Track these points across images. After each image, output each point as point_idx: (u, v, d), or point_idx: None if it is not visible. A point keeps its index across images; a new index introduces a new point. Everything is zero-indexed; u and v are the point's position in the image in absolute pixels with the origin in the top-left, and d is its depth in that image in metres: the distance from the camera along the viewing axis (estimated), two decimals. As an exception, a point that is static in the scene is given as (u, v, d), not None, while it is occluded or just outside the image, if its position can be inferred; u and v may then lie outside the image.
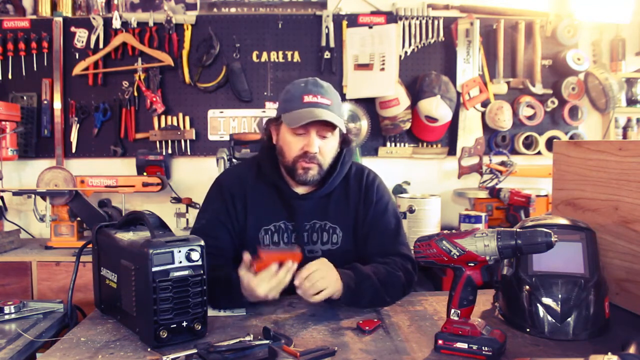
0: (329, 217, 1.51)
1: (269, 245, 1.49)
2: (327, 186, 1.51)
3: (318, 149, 1.44)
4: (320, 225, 1.51)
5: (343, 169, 1.53)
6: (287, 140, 1.46)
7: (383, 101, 2.76)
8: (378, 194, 1.55)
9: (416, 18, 2.81)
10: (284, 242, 1.50)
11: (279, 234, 1.50)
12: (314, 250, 1.50)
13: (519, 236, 1.02)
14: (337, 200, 1.53)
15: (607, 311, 1.20)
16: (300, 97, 1.43)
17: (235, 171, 1.64)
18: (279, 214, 1.51)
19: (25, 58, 2.73)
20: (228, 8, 2.82)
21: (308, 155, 1.43)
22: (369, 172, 1.60)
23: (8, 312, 1.35)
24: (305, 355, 0.98)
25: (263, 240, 1.50)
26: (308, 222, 1.50)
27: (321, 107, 1.42)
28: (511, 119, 2.81)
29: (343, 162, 1.53)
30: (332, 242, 1.51)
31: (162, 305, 1.09)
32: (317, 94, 1.43)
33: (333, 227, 1.51)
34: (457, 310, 1.07)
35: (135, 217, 1.29)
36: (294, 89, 1.46)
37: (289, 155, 1.46)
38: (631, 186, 1.31)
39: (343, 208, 1.53)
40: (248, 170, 1.57)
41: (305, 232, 1.50)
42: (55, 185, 2.39)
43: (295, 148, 1.45)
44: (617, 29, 2.90)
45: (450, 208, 2.80)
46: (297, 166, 1.45)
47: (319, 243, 1.51)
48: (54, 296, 2.23)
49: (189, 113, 2.80)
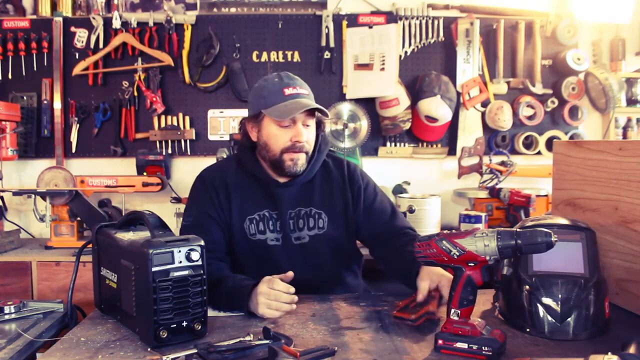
0: (313, 203, 1.56)
1: (255, 234, 1.52)
2: (308, 172, 1.54)
3: (306, 137, 1.48)
4: (305, 211, 1.55)
5: (321, 155, 1.58)
6: (273, 133, 1.48)
7: (383, 101, 2.76)
8: (364, 180, 1.62)
9: (416, 18, 2.81)
10: (270, 230, 1.52)
11: (264, 222, 1.53)
12: (301, 237, 1.54)
13: (519, 236, 1.02)
14: (321, 186, 1.58)
15: (607, 311, 1.20)
16: (280, 90, 1.46)
17: (215, 166, 1.68)
18: (262, 203, 1.54)
19: (25, 58, 2.73)
20: (228, 8, 2.82)
21: (297, 145, 1.47)
22: (348, 161, 1.67)
23: (8, 312, 1.35)
24: (305, 355, 0.98)
25: (249, 229, 1.53)
26: (293, 210, 1.54)
27: (302, 97, 1.47)
28: (511, 119, 2.81)
29: (320, 148, 1.57)
30: (319, 227, 1.55)
31: (162, 305, 1.09)
32: (295, 86, 1.48)
33: (318, 212, 1.55)
34: (457, 310, 1.07)
35: (135, 217, 1.29)
36: (270, 85, 1.49)
37: (276, 148, 1.49)
38: (631, 186, 1.31)
39: (327, 194, 1.58)
40: (228, 165, 1.62)
41: (291, 220, 1.53)
42: (55, 185, 2.39)
43: (282, 140, 1.48)
44: (617, 29, 2.89)
45: (450, 208, 2.80)
46: (285, 158, 1.48)
47: (305, 229, 1.54)
48: (54, 296, 2.23)
49: (189, 113, 2.80)
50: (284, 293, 1.26)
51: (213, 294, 1.28)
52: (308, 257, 1.54)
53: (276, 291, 1.27)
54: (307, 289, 1.44)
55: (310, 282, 1.47)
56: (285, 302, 1.26)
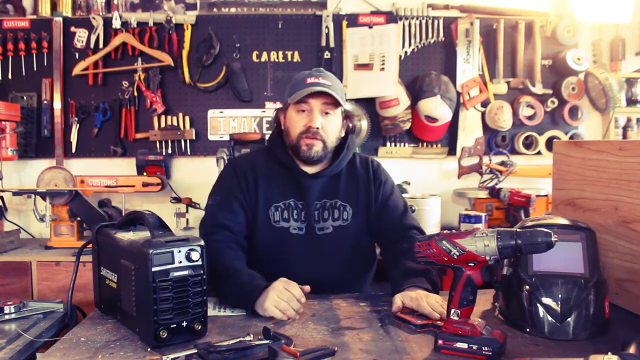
0: (339, 195, 1.62)
1: (279, 222, 1.57)
2: (336, 166, 1.62)
3: (320, 124, 1.54)
4: (330, 203, 1.61)
5: (349, 152, 1.66)
6: (293, 119, 1.58)
7: (383, 101, 2.76)
8: (385, 175, 1.70)
9: (416, 18, 2.81)
10: (294, 219, 1.58)
11: (289, 211, 1.59)
12: (325, 227, 1.60)
13: (519, 236, 1.02)
14: (347, 181, 1.65)
15: (607, 311, 1.20)
16: (304, 79, 1.56)
17: (247, 155, 1.81)
18: (289, 192, 1.60)
19: (25, 58, 2.73)
20: (228, 8, 2.82)
21: (311, 130, 1.54)
22: (373, 159, 1.75)
23: (8, 312, 1.34)
24: (305, 355, 0.98)
25: (273, 216, 1.58)
26: (319, 201, 1.60)
27: (322, 86, 1.53)
28: (511, 119, 2.81)
29: (349, 146, 1.66)
30: (343, 219, 1.61)
31: (162, 305, 1.09)
32: (318, 77, 1.56)
33: (343, 204, 1.61)
34: (457, 310, 1.07)
35: (135, 217, 1.29)
36: (298, 76, 1.60)
37: (293, 133, 1.58)
38: (631, 186, 1.31)
39: (353, 188, 1.64)
40: (259, 154, 1.70)
41: (316, 211, 1.59)
42: (55, 185, 2.39)
43: (299, 125, 1.56)
44: (617, 29, 2.89)
45: (450, 208, 2.80)
46: (301, 143, 1.56)
47: (329, 220, 1.60)
48: (54, 296, 2.23)
49: (189, 113, 2.80)
50: (296, 299, 1.28)
51: (226, 283, 1.36)
52: (329, 249, 1.58)
53: (290, 294, 1.28)
54: (320, 283, 1.47)
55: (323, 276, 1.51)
56: (293, 308, 1.27)
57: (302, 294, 1.31)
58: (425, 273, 1.43)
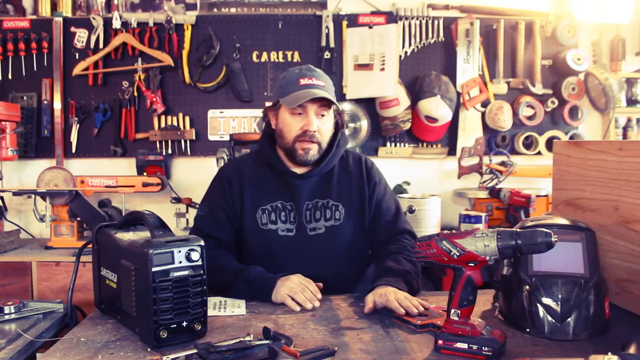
0: (331, 195, 1.60)
1: (267, 224, 1.57)
2: (325, 165, 1.60)
3: (317, 127, 1.53)
4: (322, 203, 1.59)
5: (339, 149, 1.63)
6: (287, 121, 1.55)
7: (383, 101, 2.76)
8: (378, 176, 1.69)
9: (416, 18, 2.81)
10: (282, 220, 1.57)
11: (276, 212, 1.57)
12: (317, 228, 1.58)
13: (519, 236, 1.02)
14: (339, 180, 1.63)
15: (607, 311, 1.20)
16: (297, 80, 1.52)
17: (236, 160, 1.80)
18: (276, 194, 1.59)
19: (25, 58, 2.73)
20: (228, 8, 2.82)
21: (307, 134, 1.52)
22: (366, 158, 1.72)
23: (8, 312, 1.34)
24: (305, 355, 0.98)
25: (260, 219, 1.57)
26: (310, 201, 1.59)
27: (317, 87, 1.52)
28: (511, 119, 2.81)
29: (339, 143, 1.63)
30: (335, 219, 1.59)
31: (162, 305, 1.09)
32: (312, 77, 1.54)
33: (335, 204, 1.60)
34: (457, 310, 1.07)
35: (135, 217, 1.29)
36: (289, 75, 1.56)
37: (289, 136, 1.55)
38: (631, 186, 1.31)
39: (345, 187, 1.63)
40: (247, 158, 1.70)
41: (307, 211, 1.58)
42: (55, 185, 2.39)
43: (295, 128, 1.53)
44: (617, 29, 2.89)
45: (450, 208, 2.80)
46: (297, 147, 1.54)
47: (322, 220, 1.58)
48: (54, 296, 2.23)
49: (189, 113, 2.80)
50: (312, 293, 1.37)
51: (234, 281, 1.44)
52: (321, 249, 1.57)
53: (307, 288, 1.37)
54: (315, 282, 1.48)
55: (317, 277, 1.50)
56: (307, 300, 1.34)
57: (317, 290, 1.39)
58: (404, 274, 1.43)
